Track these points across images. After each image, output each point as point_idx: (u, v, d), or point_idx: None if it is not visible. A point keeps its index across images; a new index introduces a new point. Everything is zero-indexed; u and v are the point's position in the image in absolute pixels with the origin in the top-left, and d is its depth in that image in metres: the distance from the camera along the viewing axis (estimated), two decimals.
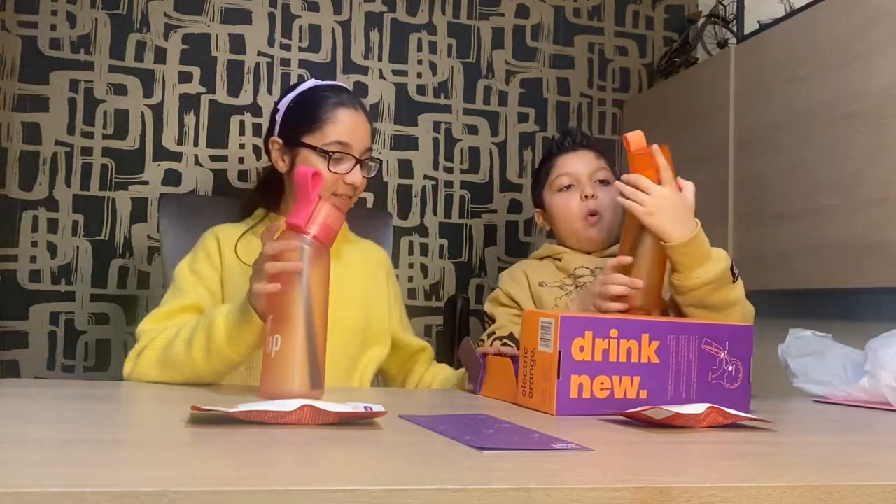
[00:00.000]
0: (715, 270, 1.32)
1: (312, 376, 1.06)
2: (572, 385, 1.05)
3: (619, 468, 0.73)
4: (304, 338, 1.06)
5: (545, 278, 1.62)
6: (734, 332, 1.16)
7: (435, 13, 2.47)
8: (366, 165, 1.50)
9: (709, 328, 1.15)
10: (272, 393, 1.03)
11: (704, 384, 1.12)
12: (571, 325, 1.06)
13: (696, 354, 1.12)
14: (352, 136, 1.47)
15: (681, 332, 1.12)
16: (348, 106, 1.49)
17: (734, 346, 1.15)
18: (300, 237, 1.08)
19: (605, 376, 1.07)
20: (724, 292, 1.34)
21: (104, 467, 0.63)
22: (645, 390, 1.09)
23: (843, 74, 1.73)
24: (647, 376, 1.09)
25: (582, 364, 1.06)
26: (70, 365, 2.15)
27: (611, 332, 1.08)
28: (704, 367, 1.13)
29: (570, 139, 1.72)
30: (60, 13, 2.20)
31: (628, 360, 1.08)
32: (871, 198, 1.64)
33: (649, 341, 1.09)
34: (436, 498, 0.58)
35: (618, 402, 1.06)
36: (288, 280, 1.07)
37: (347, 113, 1.49)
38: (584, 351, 1.06)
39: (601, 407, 1.05)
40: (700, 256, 1.32)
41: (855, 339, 1.46)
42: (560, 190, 1.67)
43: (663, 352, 1.10)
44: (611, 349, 1.07)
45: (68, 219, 2.17)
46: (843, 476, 0.72)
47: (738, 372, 1.14)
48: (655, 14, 2.67)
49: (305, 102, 1.51)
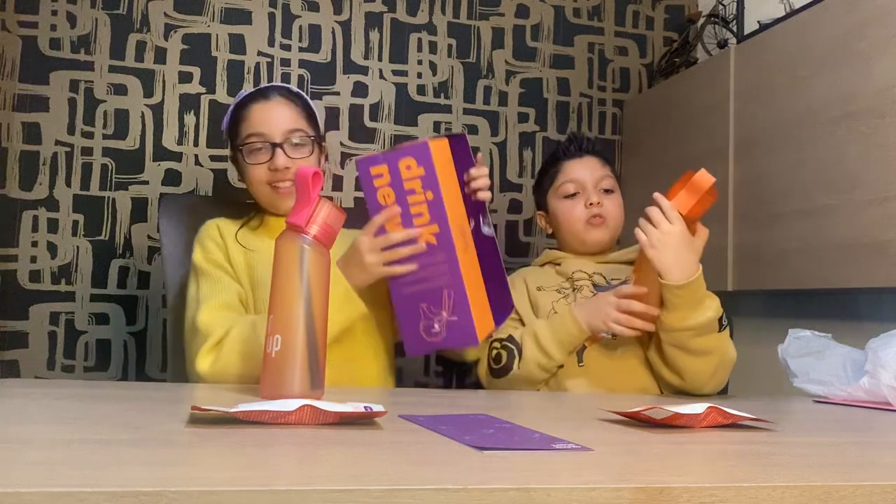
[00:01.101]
0: (701, 319, 1.34)
1: (312, 376, 1.06)
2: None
3: (619, 468, 0.73)
4: (305, 338, 1.06)
5: (543, 283, 1.63)
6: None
7: (435, 13, 2.47)
8: (292, 145, 1.52)
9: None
10: (272, 393, 1.03)
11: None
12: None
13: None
14: (263, 124, 1.51)
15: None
16: (258, 101, 1.54)
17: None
18: (300, 237, 1.08)
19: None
20: (705, 339, 1.36)
21: (104, 467, 0.63)
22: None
23: (843, 74, 1.73)
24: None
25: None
26: (70, 365, 2.14)
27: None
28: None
29: (577, 145, 1.71)
30: (60, 13, 2.20)
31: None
32: (871, 198, 1.64)
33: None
34: (436, 498, 0.58)
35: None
36: (288, 280, 1.07)
37: (256, 106, 1.54)
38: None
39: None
40: (691, 302, 1.34)
41: (855, 339, 1.46)
42: (566, 197, 1.67)
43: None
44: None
45: (68, 219, 2.17)
46: (843, 476, 0.72)
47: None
48: (655, 14, 2.67)
49: (231, 114, 1.60)
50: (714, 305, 1.37)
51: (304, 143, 1.53)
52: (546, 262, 1.71)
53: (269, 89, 1.58)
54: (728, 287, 2.04)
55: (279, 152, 1.50)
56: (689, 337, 1.35)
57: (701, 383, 1.39)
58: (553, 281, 1.63)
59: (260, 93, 1.57)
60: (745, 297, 2.15)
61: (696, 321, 1.33)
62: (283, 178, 1.51)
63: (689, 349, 1.36)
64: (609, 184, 1.67)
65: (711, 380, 1.40)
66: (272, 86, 1.61)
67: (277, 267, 1.09)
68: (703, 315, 1.34)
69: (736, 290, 2.03)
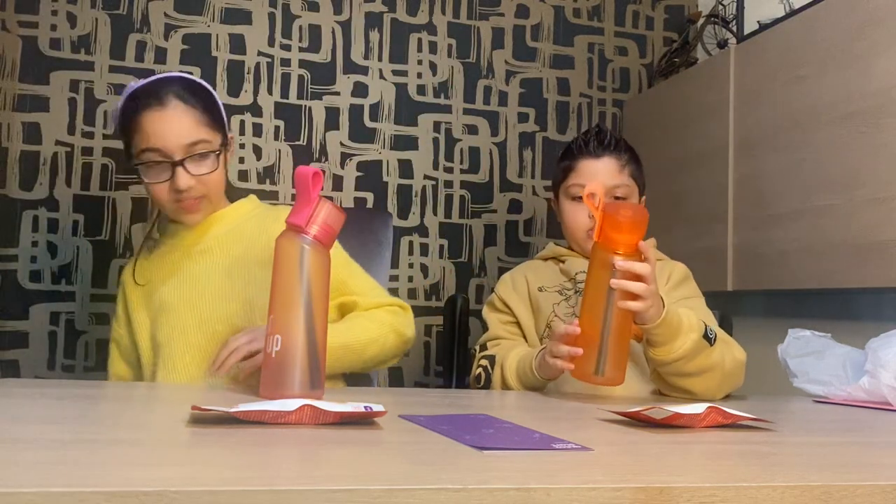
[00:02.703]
0: (687, 343, 1.28)
1: (313, 377, 1.06)
2: None
3: (619, 468, 0.73)
4: (305, 338, 1.05)
5: (546, 282, 1.60)
6: None
7: (435, 13, 2.47)
8: (194, 161, 1.36)
9: None
10: (272, 393, 1.03)
11: None
12: None
13: None
14: (159, 138, 1.34)
15: None
16: (153, 107, 1.35)
17: None
18: (301, 237, 1.08)
19: None
20: (700, 360, 1.32)
21: (104, 467, 0.63)
22: None
23: (843, 74, 1.73)
24: None
25: None
26: (70, 365, 2.15)
27: None
28: None
29: (596, 142, 1.57)
30: (60, 13, 2.20)
31: None
32: (871, 198, 1.64)
33: None
34: (436, 498, 0.58)
35: None
36: (288, 280, 1.07)
37: (151, 116, 1.35)
38: None
39: None
40: (673, 331, 1.29)
41: (855, 339, 1.46)
42: (573, 198, 1.57)
43: None
44: None
45: (68, 219, 2.17)
46: (843, 476, 0.72)
47: None
48: (655, 14, 2.67)
49: (122, 112, 1.41)
50: (694, 324, 1.31)
51: (207, 155, 1.37)
52: (550, 256, 1.66)
53: (164, 90, 1.37)
54: (728, 287, 2.04)
55: (180, 172, 1.34)
56: (683, 364, 1.31)
57: (712, 394, 1.37)
58: (555, 280, 1.61)
59: (154, 95, 1.36)
60: (745, 297, 2.15)
61: (684, 348, 1.30)
62: (188, 197, 1.37)
63: (687, 373, 1.33)
64: (623, 192, 1.55)
65: (721, 389, 1.38)
66: (165, 82, 1.40)
67: (278, 267, 1.08)
68: (688, 339, 1.30)
69: (736, 290, 2.03)
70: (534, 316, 1.57)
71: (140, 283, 1.46)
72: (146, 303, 1.45)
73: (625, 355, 1.27)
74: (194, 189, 1.37)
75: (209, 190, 1.40)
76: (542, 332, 1.55)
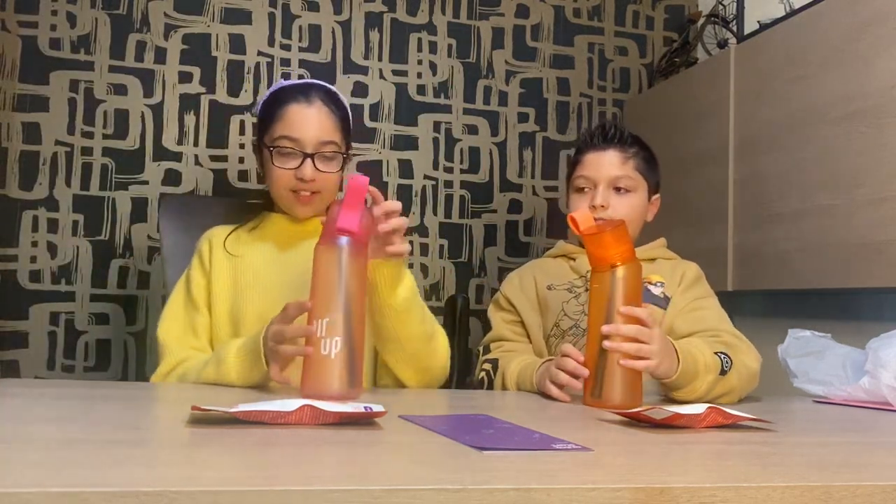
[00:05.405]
0: (708, 380, 1.27)
1: (351, 376, 1.09)
2: None
3: (619, 468, 0.73)
4: (354, 337, 1.09)
5: (555, 280, 1.59)
6: None
7: (435, 13, 2.47)
8: (322, 158, 1.47)
9: None
10: (312, 392, 1.06)
11: None
12: None
13: None
14: (298, 129, 1.46)
15: None
16: (300, 101, 1.48)
17: None
18: (350, 242, 1.11)
19: None
20: (719, 388, 1.30)
21: (104, 467, 0.63)
22: None
23: (843, 74, 1.73)
24: None
25: None
26: (70, 365, 2.14)
27: None
28: None
29: (600, 136, 1.58)
30: (60, 13, 2.20)
31: None
32: (871, 198, 1.64)
33: None
34: (436, 498, 0.58)
35: None
36: (329, 284, 1.11)
37: (296, 108, 1.47)
38: None
39: None
40: (690, 376, 1.27)
41: (855, 339, 1.46)
42: (577, 190, 1.58)
43: None
44: None
45: (68, 219, 2.17)
46: (843, 476, 0.72)
47: None
48: (655, 14, 2.67)
49: (266, 103, 1.53)
50: (710, 364, 1.29)
51: (335, 157, 1.48)
52: (560, 254, 1.66)
53: (312, 90, 1.51)
54: (728, 287, 2.04)
55: (308, 163, 1.45)
56: (701, 398, 1.31)
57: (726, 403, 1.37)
58: (565, 277, 1.60)
59: (303, 93, 1.50)
60: (745, 297, 2.15)
61: (703, 388, 1.29)
62: (307, 188, 1.47)
63: (712, 400, 1.33)
64: (627, 183, 1.55)
65: (734, 401, 1.37)
66: (315, 85, 1.53)
67: (321, 269, 1.12)
68: (705, 380, 1.28)
69: (736, 290, 2.03)
70: (542, 315, 1.57)
71: (232, 254, 1.50)
72: (232, 276, 1.48)
73: (629, 378, 1.22)
74: (315, 183, 1.46)
75: (325, 188, 1.49)
76: (550, 331, 1.54)
